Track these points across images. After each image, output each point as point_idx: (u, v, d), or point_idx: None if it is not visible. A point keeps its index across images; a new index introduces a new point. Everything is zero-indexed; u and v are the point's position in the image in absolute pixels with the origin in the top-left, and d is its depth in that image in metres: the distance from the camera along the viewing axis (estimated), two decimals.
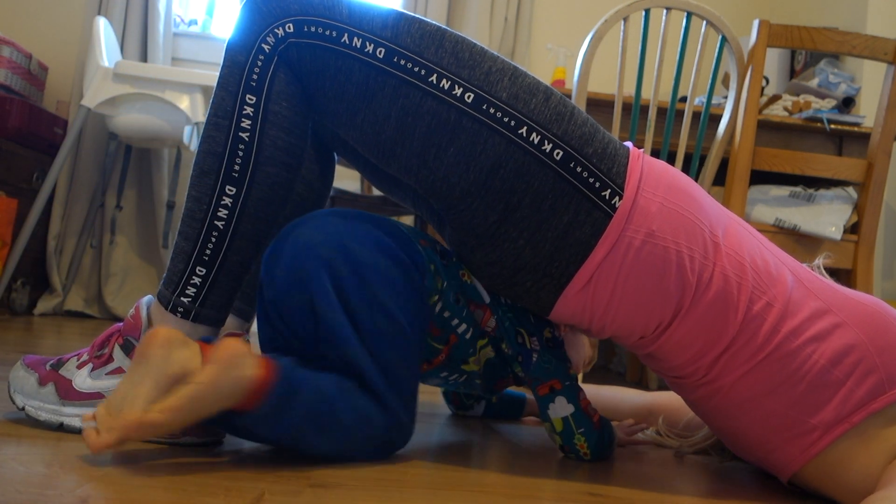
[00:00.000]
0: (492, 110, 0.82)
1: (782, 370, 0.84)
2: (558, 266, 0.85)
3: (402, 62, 0.83)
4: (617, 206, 0.84)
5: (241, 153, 0.83)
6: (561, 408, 0.99)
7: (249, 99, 0.83)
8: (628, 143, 0.92)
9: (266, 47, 0.83)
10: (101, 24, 2.34)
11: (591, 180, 0.84)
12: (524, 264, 0.86)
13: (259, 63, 0.83)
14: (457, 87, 0.82)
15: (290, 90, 0.85)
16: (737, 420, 0.89)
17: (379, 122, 0.84)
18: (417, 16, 0.86)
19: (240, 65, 0.84)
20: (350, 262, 0.83)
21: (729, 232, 0.89)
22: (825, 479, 0.85)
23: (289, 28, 0.83)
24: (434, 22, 0.87)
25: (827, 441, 0.83)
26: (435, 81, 0.82)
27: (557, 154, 0.83)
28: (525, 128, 0.83)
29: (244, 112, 0.83)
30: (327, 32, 0.83)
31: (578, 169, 0.83)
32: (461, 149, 0.83)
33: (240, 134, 0.83)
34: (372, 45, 0.83)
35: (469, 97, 0.82)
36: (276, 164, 0.85)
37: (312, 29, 0.83)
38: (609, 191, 0.84)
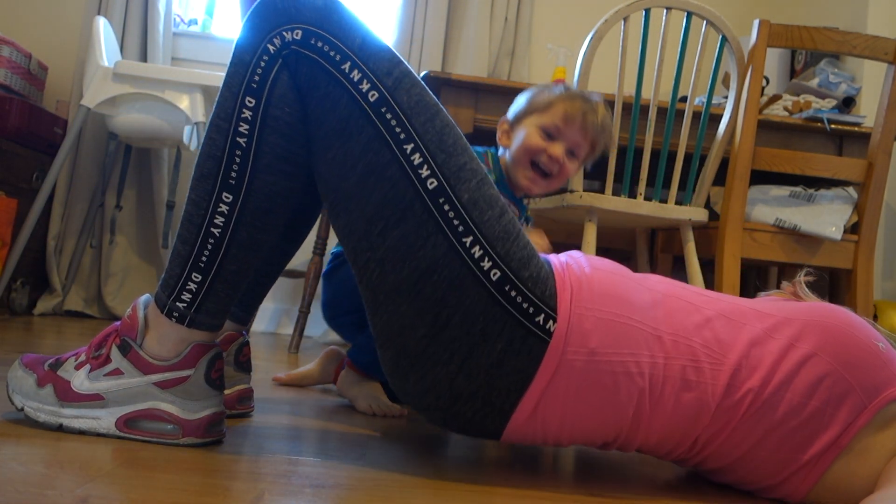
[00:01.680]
0: (446, 207, 0.79)
1: (762, 420, 0.83)
2: (498, 395, 0.81)
3: (388, 116, 0.80)
4: (552, 330, 0.80)
5: (238, 159, 0.81)
6: None
7: (249, 102, 0.80)
8: (549, 257, 0.89)
9: (271, 48, 0.80)
10: (101, 23, 2.34)
11: (525, 305, 0.80)
12: (460, 393, 0.82)
13: (262, 63, 0.80)
14: (425, 167, 0.79)
15: (292, 95, 0.81)
16: (731, 474, 0.89)
17: (347, 167, 0.81)
18: (423, 83, 0.83)
19: (244, 64, 0.81)
20: None
21: (668, 315, 0.85)
22: (832, 498, 0.84)
23: (296, 34, 0.80)
24: (435, 97, 0.84)
25: (822, 468, 0.82)
26: (408, 151, 0.79)
27: (494, 274, 0.80)
28: (471, 237, 0.80)
29: (242, 116, 0.80)
30: (331, 53, 0.80)
31: (513, 293, 0.80)
32: (404, 235, 0.79)
33: (237, 139, 0.81)
34: (368, 85, 0.80)
35: (431, 184, 0.79)
36: (275, 172, 0.82)
37: (319, 44, 0.80)
38: (543, 315, 0.81)
